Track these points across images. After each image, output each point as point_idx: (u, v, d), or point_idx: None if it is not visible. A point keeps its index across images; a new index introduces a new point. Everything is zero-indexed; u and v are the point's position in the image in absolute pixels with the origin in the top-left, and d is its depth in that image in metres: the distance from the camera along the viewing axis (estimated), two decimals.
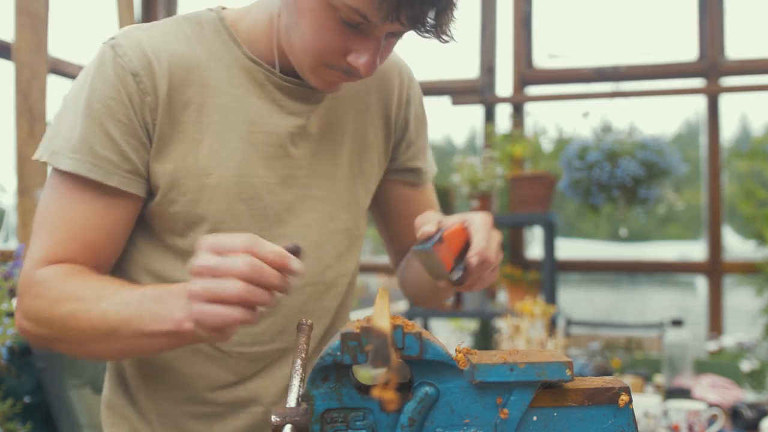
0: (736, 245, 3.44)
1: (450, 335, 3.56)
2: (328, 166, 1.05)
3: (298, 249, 0.80)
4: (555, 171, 3.21)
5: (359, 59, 0.89)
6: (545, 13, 3.63)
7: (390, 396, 0.51)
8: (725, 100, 3.35)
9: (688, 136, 3.75)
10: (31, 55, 2.47)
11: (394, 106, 1.12)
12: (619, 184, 2.98)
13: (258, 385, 1.03)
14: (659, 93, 3.48)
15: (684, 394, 2.13)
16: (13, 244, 2.89)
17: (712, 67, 3.33)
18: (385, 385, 0.51)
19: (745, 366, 2.41)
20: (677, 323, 2.34)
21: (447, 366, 0.65)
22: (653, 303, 3.95)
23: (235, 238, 0.76)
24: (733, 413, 1.98)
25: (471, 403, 0.65)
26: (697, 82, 3.41)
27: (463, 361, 0.66)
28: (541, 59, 3.61)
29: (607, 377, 0.70)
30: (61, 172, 0.93)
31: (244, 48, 0.99)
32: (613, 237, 3.82)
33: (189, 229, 0.96)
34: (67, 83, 2.92)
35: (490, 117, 3.64)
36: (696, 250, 3.54)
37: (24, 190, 2.41)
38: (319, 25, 0.88)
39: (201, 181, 0.95)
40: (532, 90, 3.63)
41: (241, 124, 0.97)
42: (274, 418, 0.61)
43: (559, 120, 3.66)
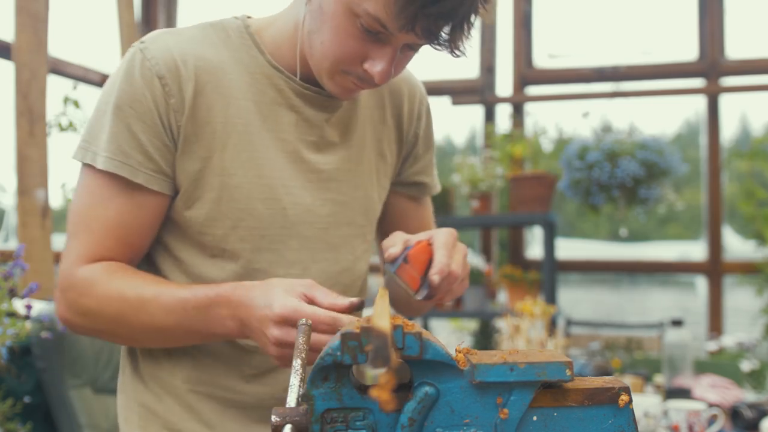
0: (736, 245, 3.44)
1: (450, 335, 3.56)
2: (349, 172, 1.09)
3: (362, 304, 0.89)
4: (555, 171, 3.21)
5: (375, 67, 0.93)
6: (545, 13, 3.63)
7: (387, 397, 0.51)
8: (725, 100, 3.35)
9: (688, 136, 3.75)
10: (31, 55, 2.47)
11: (405, 121, 1.17)
12: (619, 184, 2.98)
13: (272, 380, 1.06)
14: (659, 93, 3.48)
15: (684, 394, 2.13)
16: (13, 244, 2.89)
17: (712, 67, 3.33)
18: (383, 385, 0.51)
19: (745, 366, 2.41)
20: (677, 323, 2.34)
21: (447, 366, 0.65)
22: (653, 303, 3.95)
23: (300, 312, 0.83)
24: (733, 413, 1.98)
25: (471, 403, 0.65)
26: (697, 82, 3.41)
27: (463, 361, 0.66)
28: (541, 59, 3.61)
29: (607, 377, 0.70)
30: (94, 171, 0.98)
31: (267, 55, 1.03)
32: (613, 237, 3.82)
33: (211, 225, 1.00)
34: (67, 83, 2.91)
35: (490, 117, 3.64)
36: (696, 250, 3.54)
37: (24, 190, 2.41)
38: (340, 31, 0.92)
39: (224, 180, 1.00)
40: (532, 90, 3.63)
41: (261, 129, 1.02)
42: (274, 418, 0.61)
43: (559, 120, 3.65)
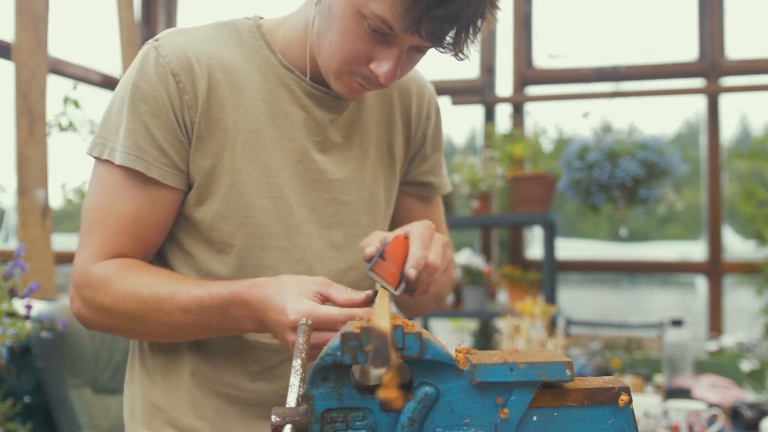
0: (736, 245, 3.43)
1: (450, 335, 3.56)
2: (352, 172, 1.10)
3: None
4: (555, 171, 3.20)
5: (381, 67, 0.94)
6: (545, 13, 3.63)
7: (394, 395, 0.51)
8: (725, 100, 3.35)
9: (688, 136, 3.74)
10: (31, 55, 2.47)
11: (413, 120, 1.18)
12: (619, 184, 2.97)
13: (277, 377, 1.06)
14: (659, 93, 3.48)
15: (684, 394, 2.13)
16: (13, 244, 2.88)
17: (712, 67, 3.33)
18: (387, 384, 0.51)
19: (745, 366, 2.41)
20: (677, 323, 2.34)
21: (447, 366, 0.65)
22: (653, 303, 3.94)
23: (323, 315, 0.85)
24: (733, 413, 1.98)
25: (471, 403, 0.65)
26: (697, 82, 3.41)
27: (463, 361, 0.66)
28: (541, 59, 3.61)
29: (607, 377, 0.70)
30: (110, 166, 0.99)
31: (279, 55, 1.05)
32: (613, 237, 3.82)
33: (220, 222, 1.01)
34: (67, 83, 2.92)
35: (490, 117, 3.64)
36: (696, 250, 3.54)
37: (24, 190, 2.41)
38: (347, 32, 0.93)
39: (233, 177, 1.01)
40: (532, 90, 3.63)
41: (270, 128, 1.03)
42: (274, 418, 0.61)
43: (559, 120, 3.65)
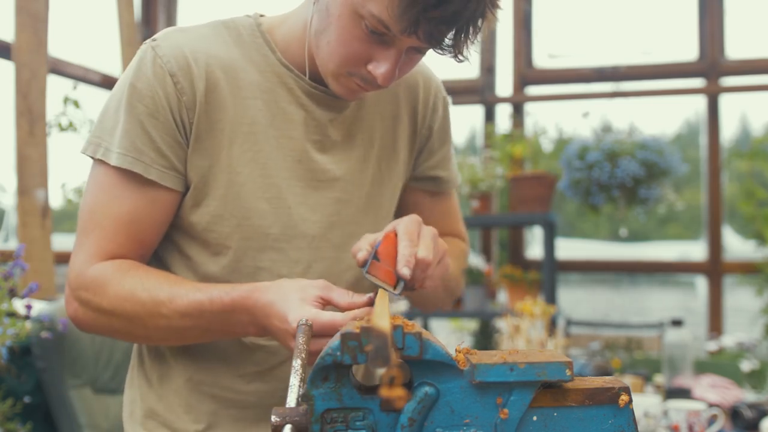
0: (736, 245, 3.43)
1: (450, 335, 3.56)
2: (352, 172, 1.08)
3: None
4: (555, 171, 3.20)
5: (378, 69, 0.93)
6: (545, 13, 3.63)
7: (399, 393, 0.51)
8: (725, 100, 3.35)
9: (688, 136, 3.74)
10: (31, 55, 2.47)
11: (420, 114, 1.16)
12: (619, 184, 2.97)
13: (274, 378, 1.06)
14: (659, 93, 3.48)
15: (684, 394, 2.13)
16: (13, 244, 2.89)
17: (712, 67, 3.33)
18: (390, 383, 0.51)
19: (745, 366, 2.41)
20: (677, 323, 2.34)
21: (447, 366, 0.65)
22: (653, 303, 3.94)
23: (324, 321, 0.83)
24: (733, 413, 1.98)
25: (471, 403, 0.65)
26: (697, 82, 3.40)
27: (463, 361, 0.66)
28: (541, 59, 3.61)
29: (607, 377, 0.70)
30: (107, 168, 0.98)
31: (278, 54, 1.04)
32: (613, 237, 3.81)
33: (217, 223, 1.01)
34: (67, 83, 2.92)
35: (490, 117, 3.64)
36: (696, 250, 3.54)
37: (24, 190, 2.41)
38: (345, 32, 0.92)
39: (230, 178, 1.00)
40: (532, 90, 3.63)
41: (268, 127, 1.02)
42: (274, 418, 0.61)
43: (559, 120, 3.65)
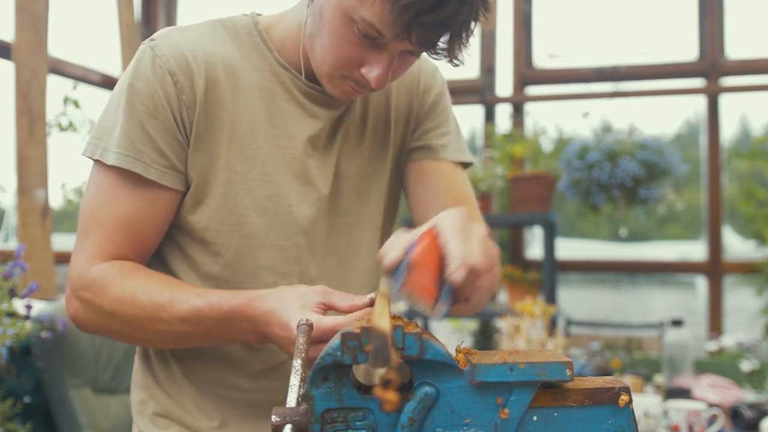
0: (736, 245, 3.43)
1: (450, 335, 3.56)
2: (350, 168, 1.08)
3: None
4: (555, 171, 3.20)
5: (371, 72, 0.93)
6: (545, 13, 3.63)
7: (391, 396, 0.51)
8: (725, 100, 3.35)
9: (688, 136, 3.74)
10: (31, 55, 2.47)
11: (413, 98, 1.14)
12: (619, 184, 2.97)
13: (281, 375, 1.06)
14: (659, 93, 3.48)
15: (684, 394, 2.13)
16: (13, 244, 2.89)
17: (712, 67, 3.33)
18: (386, 385, 0.51)
19: (745, 366, 2.41)
20: (677, 323, 2.34)
21: (447, 366, 0.65)
22: (653, 303, 3.94)
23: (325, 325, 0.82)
24: (733, 413, 1.98)
25: (471, 403, 0.65)
26: (697, 82, 3.40)
27: (463, 361, 0.66)
28: (541, 59, 3.61)
29: (607, 377, 0.70)
30: (106, 168, 0.98)
31: (275, 52, 1.04)
32: (613, 237, 3.81)
33: (217, 222, 1.01)
34: (67, 83, 2.92)
35: (490, 117, 3.64)
36: (696, 250, 3.54)
37: (24, 190, 2.41)
38: (337, 36, 0.92)
39: (230, 176, 1.00)
40: (532, 90, 3.63)
41: (267, 125, 1.02)
42: (274, 418, 0.61)
43: (559, 120, 3.66)
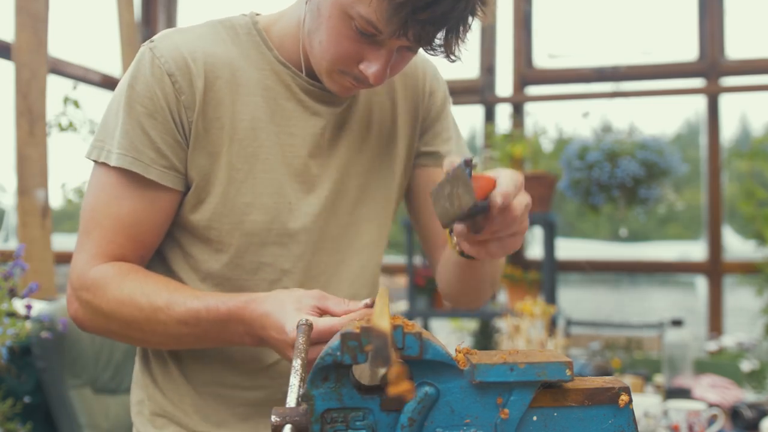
0: (736, 245, 3.43)
1: (450, 335, 3.56)
2: (352, 165, 1.09)
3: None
4: (555, 171, 3.20)
5: (370, 68, 0.94)
6: (545, 13, 3.63)
7: (406, 386, 0.51)
8: (725, 100, 3.35)
9: (688, 136, 3.74)
10: (31, 55, 2.47)
11: (419, 101, 1.15)
12: (619, 184, 2.97)
13: (279, 373, 1.06)
14: (659, 93, 3.48)
15: (684, 394, 2.13)
16: (13, 244, 2.89)
17: (712, 67, 3.33)
18: (396, 379, 0.51)
19: (745, 366, 2.41)
20: (677, 323, 2.34)
21: (447, 366, 0.65)
22: (653, 303, 3.94)
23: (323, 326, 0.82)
24: (733, 413, 1.98)
25: (471, 403, 0.65)
26: (697, 82, 3.40)
27: (463, 361, 0.66)
28: (541, 59, 3.61)
29: (607, 377, 0.70)
30: (107, 169, 0.99)
31: (275, 51, 1.04)
32: (613, 237, 3.81)
33: (218, 221, 1.01)
34: (67, 83, 2.92)
35: (490, 117, 3.64)
36: (696, 250, 3.54)
37: (24, 190, 2.41)
38: (336, 33, 0.93)
39: (231, 175, 1.00)
40: (532, 90, 3.63)
41: (268, 124, 1.02)
42: (274, 418, 0.61)
43: (559, 120, 3.65)
